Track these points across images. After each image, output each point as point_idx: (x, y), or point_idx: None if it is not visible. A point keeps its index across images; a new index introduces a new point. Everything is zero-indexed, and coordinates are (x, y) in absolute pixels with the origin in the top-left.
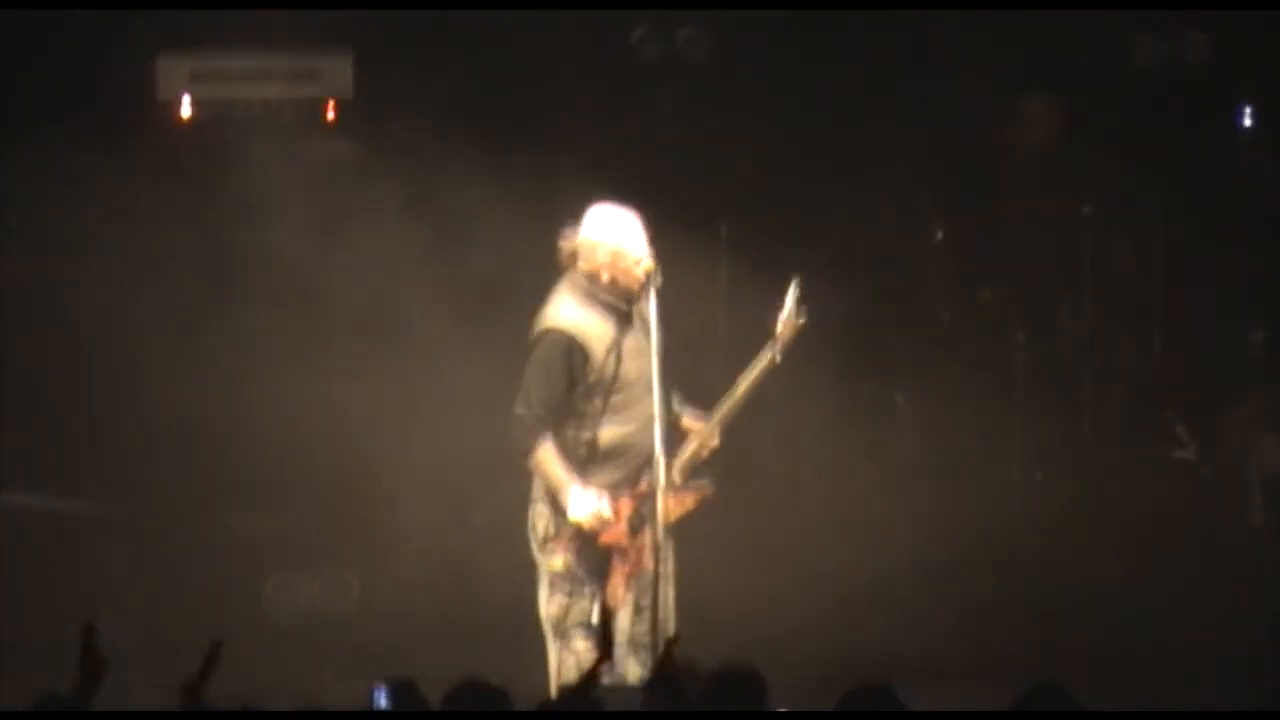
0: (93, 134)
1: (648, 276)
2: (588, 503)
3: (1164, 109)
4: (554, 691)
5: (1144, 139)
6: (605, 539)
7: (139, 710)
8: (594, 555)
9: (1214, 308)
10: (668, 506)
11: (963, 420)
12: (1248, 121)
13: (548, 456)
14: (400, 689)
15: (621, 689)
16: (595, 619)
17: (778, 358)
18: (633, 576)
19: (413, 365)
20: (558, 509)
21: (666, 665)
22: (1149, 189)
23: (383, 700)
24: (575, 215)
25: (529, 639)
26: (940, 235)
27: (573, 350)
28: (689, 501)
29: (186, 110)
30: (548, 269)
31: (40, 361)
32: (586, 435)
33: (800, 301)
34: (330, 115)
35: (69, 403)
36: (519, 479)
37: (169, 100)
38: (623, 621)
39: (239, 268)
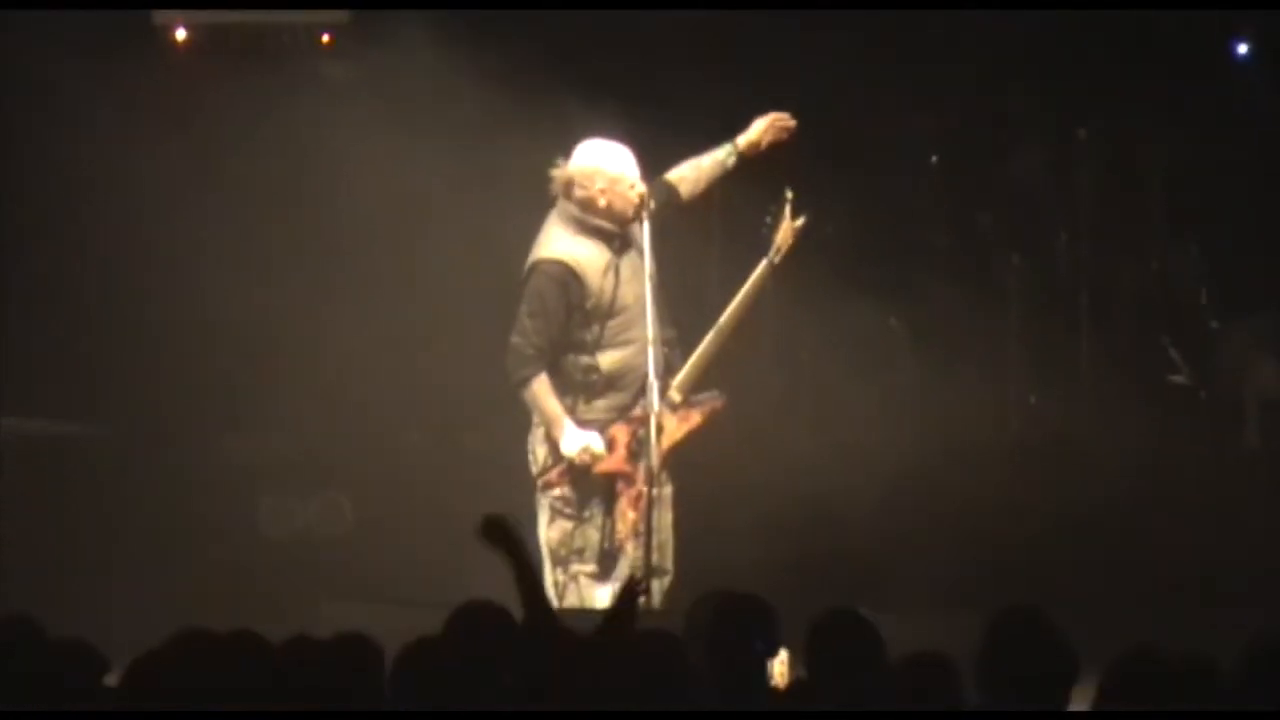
0: (87, 59)
1: (642, 201)
2: (579, 439)
3: (1159, 33)
4: None
5: (1139, 63)
6: (602, 469)
7: (140, 710)
8: (595, 483)
9: (1211, 231)
10: (671, 426)
11: (957, 343)
12: (1243, 48)
13: (542, 390)
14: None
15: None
16: (598, 545)
17: (775, 260)
18: (638, 502)
19: (412, 290)
20: (553, 441)
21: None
22: (1145, 112)
23: None
24: (566, 146)
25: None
26: (935, 158)
27: (567, 279)
28: (695, 418)
29: (181, 35)
30: (545, 195)
31: (34, 286)
32: (587, 362)
33: (796, 206)
34: (326, 40)
35: (63, 327)
36: (518, 404)
37: (164, 25)
38: (631, 550)
39: (237, 192)
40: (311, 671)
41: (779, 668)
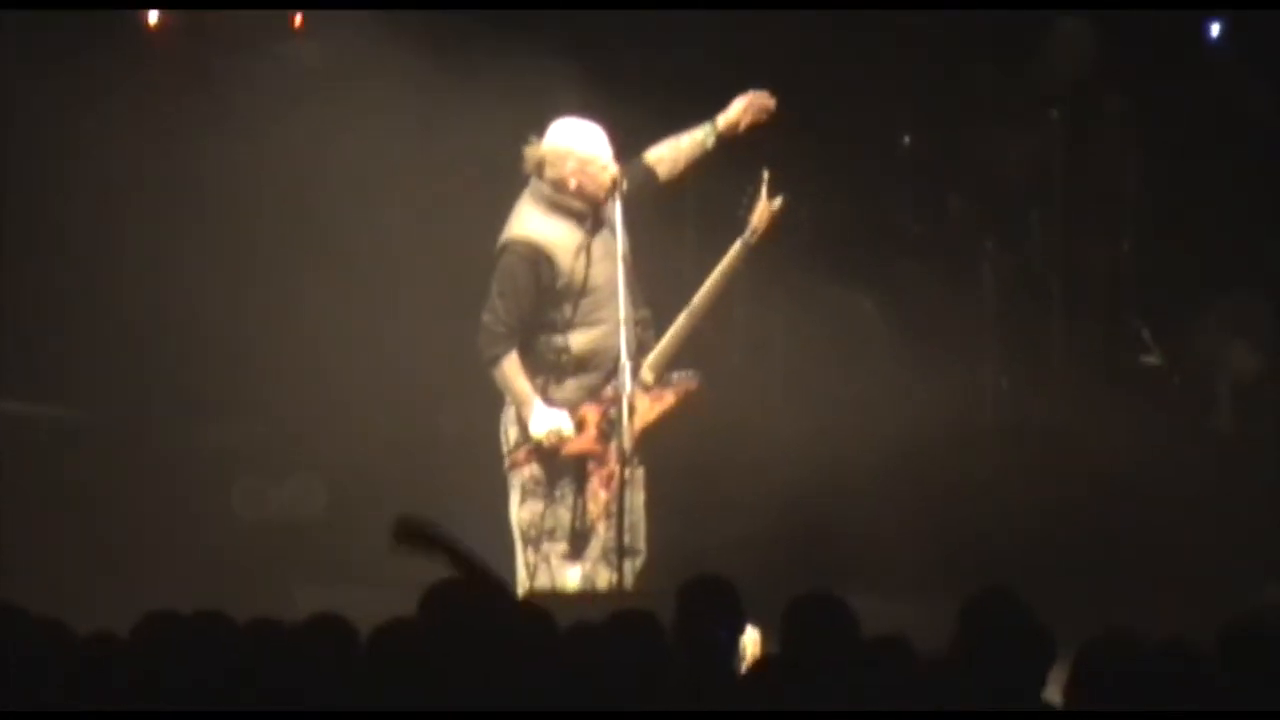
0: (60, 43)
1: (614, 183)
2: (548, 420)
3: (1132, 14)
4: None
5: (1113, 45)
6: (572, 450)
7: (140, 710)
8: (566, 463)
9: (1184, 213)
10: (644, 406)
11: (930, 327)
12: (1216, 29)
13: (512, 370)
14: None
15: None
16: (569, 525)
17: (752, 241)
18: (609, 483)
19: (383, 271)
20: (523, 421)
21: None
22: (1118, 94)
23: None
24: (540, 126)
25: (498, 544)
26: (908, 141)
27: (538, 259)
28: (668, 399)
29: (154, 18)
30: (516, 174)
31: (8, 269)
32: (558, 341)
33: (771, 186)
34: (299, 22)
35: (33, 312)
36: (489, 384)
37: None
38: (602, 530)
39: (209, 176)
40: (286, 653)
41: (750, 648)
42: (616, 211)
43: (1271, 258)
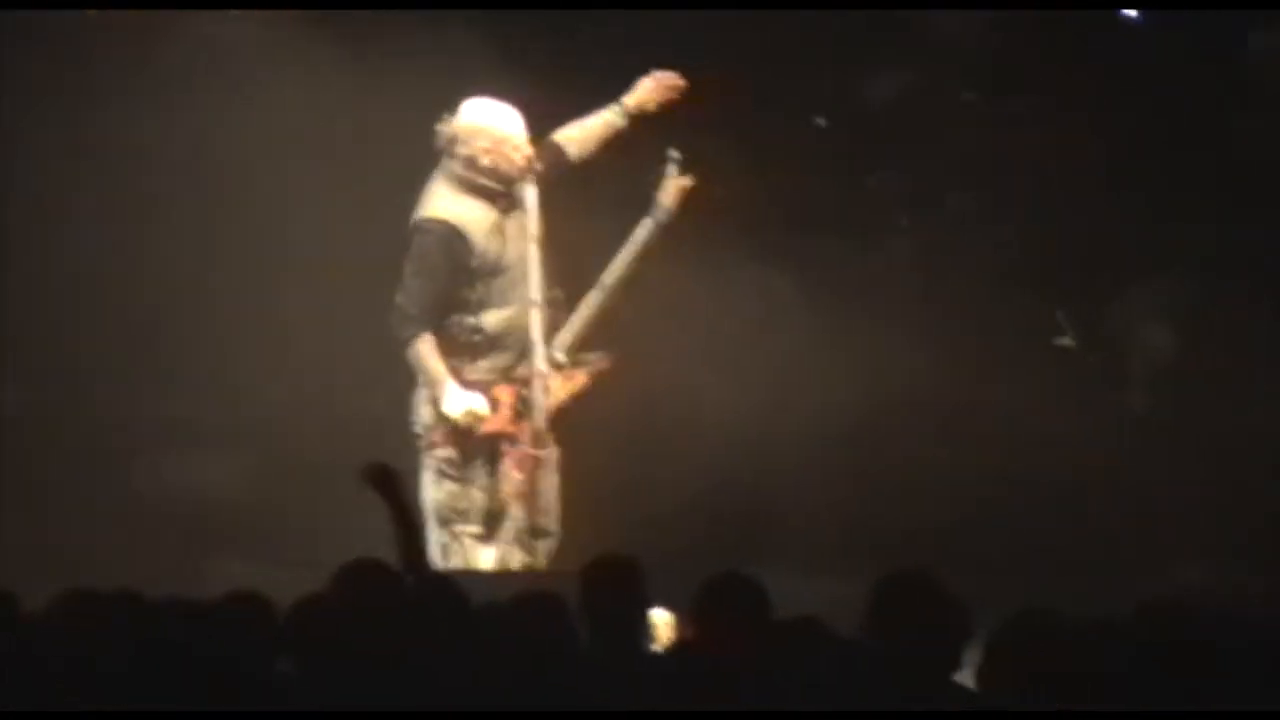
0: None
1: (527, 162)
2: (462, 400)
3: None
4: None
5: (1030, 26)
6: (486, 430)
7: (141, 710)
8: (479, 444)
9: (1101, 195)
10: (556, 386)
11: (847, 305)
12: (1131, 11)
13: (426, 350)
14: None
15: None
16: (482, 506)
17: (662, 220)
18: (523, 464)
19: (296, 249)
20: (436, 402)
21: None
22: (1035, 74)
23: None
24: (452, 104)
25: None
26: (823, 121)
27: (451, 238)
28: (579, 380)
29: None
30: (430, 155)
31: None
32: (471, 322)
33: (681, 165)
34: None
35: None
36: (403, 364)
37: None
38: (515, 511)
39: (130, 158)
40: (203, 629)
41: (664, 629)
42: (531, 192)
43: (1187, 241)
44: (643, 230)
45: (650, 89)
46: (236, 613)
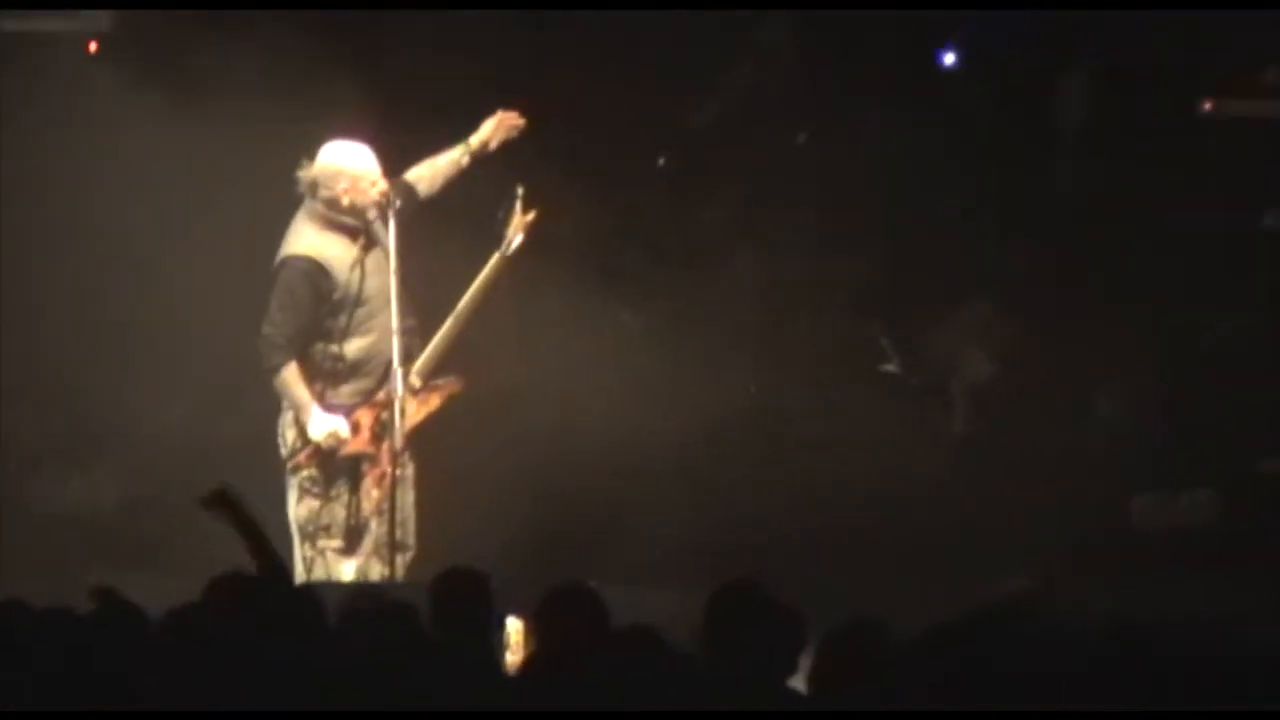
0: None
1: (384, 197)
2: (325, 423)
3: (874, 49)
4: None
5: (855, 75)
6: (348, 451)
7: (141, 711)
8: (341, 463)
9: (924, 227)
10: (411, 409)
11: (685, 334)
12: (949, 60)
13: (292, 377)
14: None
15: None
16: (344, 522)
17: (509, 252)
18: (382, 482)
19: (174, 278)
20: (301, 425)
21: None
22: (860, 117)
23: None
24: (311, 150)
25: (279, 541)
26: (664, 160)
27: (314, 273)
28: (433, 402)
29: None
30: (293, 194)
31: None
32: (334, 350)
33: (525, 201)
34: (93, 47)
35: None
36: (269, 389)
37: None
38: (375, 526)
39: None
40: (78, 635)
41: (515, 639)
42: (390, 227)
43: (999, 270)
44: (491, 264)
45: (493, 127)
46: (109, 619)
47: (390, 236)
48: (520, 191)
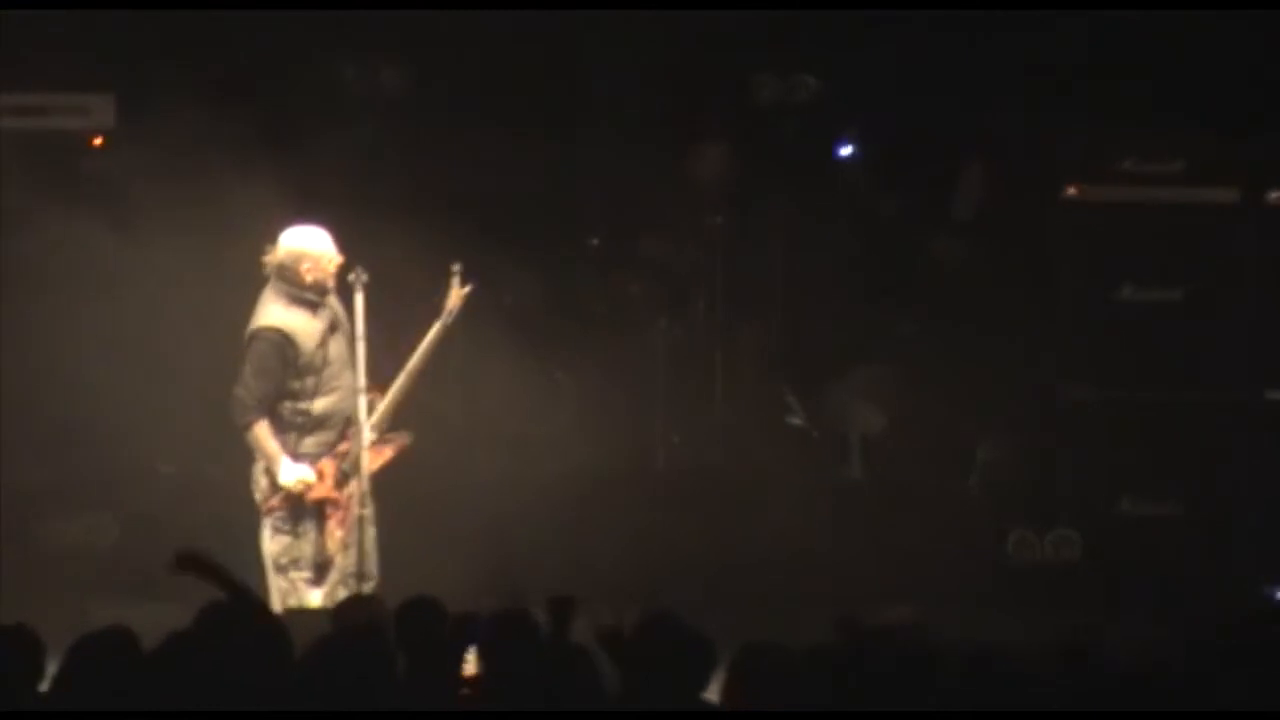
0: None
1: (341, 271)
2: (294, 471)
3: (776, 136)
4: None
5: (764, 164)
6: (313, 497)
7: (143, 710)
8: (308, 507)
9: (821, 299)
10: (368, 459)
11: (613, 392)
12: (846, 150)
13: (263, 433)
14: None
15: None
16: (311, 556)
17: (449, 321)
18: (344, 522)
19: (165, 344)
20: (272, 473)
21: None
22: (766, 202)
23: None
24: (273, 234)
25: (253, 573)
26: (595, 241)
27: (283, 344)
28: (387, 453)
29: None
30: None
31: None
32: (303, 407)
33: (462, 277)
34: (98, 142)
35: None
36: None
37: None
38: (340, 560)
39: (11, 268)
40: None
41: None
42: (358, 298)
43: (891, 333)
44: (433, 332)
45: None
46: (106, 645)
47: (358, 307)
48: (456, 269)
